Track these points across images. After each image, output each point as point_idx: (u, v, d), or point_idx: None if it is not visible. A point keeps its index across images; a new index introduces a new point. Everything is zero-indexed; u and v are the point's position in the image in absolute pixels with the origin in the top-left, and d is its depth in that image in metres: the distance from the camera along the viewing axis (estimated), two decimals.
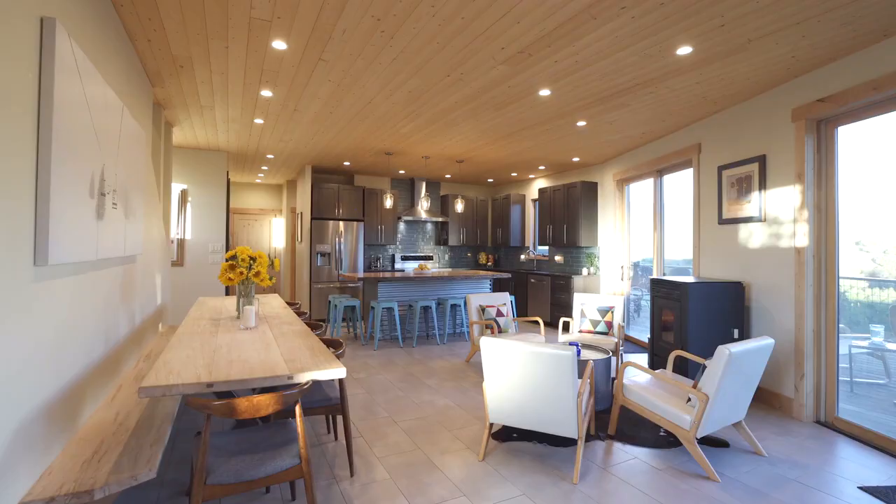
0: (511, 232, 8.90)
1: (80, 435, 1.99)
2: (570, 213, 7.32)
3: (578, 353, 3.81)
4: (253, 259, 3.40)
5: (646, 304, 9.30)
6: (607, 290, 6.95)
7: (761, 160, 3.86)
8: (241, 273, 3.25)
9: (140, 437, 1.97)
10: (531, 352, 2.58)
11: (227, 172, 6.79)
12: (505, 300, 5.38)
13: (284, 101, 4.30)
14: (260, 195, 10.20)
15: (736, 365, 2.57)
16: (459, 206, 7.61)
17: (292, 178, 9.27)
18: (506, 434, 3.15)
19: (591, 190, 7.18)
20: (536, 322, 7.77)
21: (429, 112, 4.60)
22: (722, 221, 4.34)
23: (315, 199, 7.75)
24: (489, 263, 9.74)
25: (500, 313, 5.17)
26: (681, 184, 5.69)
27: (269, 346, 2.47)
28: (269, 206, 10.31)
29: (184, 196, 6.36)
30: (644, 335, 6.48)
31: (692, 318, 3.79)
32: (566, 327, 6.94)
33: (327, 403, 2.56)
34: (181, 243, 6.34)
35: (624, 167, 6.45)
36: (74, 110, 1.86)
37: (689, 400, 2.78)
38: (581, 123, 4.91)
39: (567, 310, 7.00)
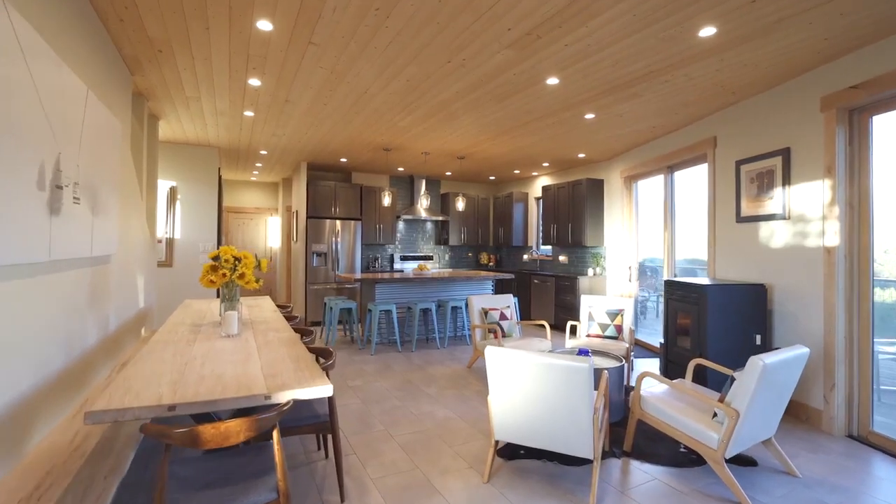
0: (513, 231, 8.64)
1: (26, 463, 1.72)
2: (575, 212, 7.06)
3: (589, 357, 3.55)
4: (238, 259, 3.14)
5: (652, 305, 9.02)
6: (614, 292, 6.69)
7: (785, 154, 3.60)
8: (224, 275, 2.99)
9: (95, 466, 1.71)
10: (542, 363, 2.32)
11: (219, 169, 6.53)
12: (508, 302, 5.12)
13: (274, 92, 4.03)
14: (255, 193, 9.93)
15: (770, 378, 2.31)
16: (460, 205, 7.35)
17: (288, 175, 9.01)
18: (512, 451, 2.88)
19: (597, 187, 6.92)
20: (542, 326, 7.50)
21: (428, 104, 4.34)
22: (740, 219, 4.07)
23: (311, 198, 7.49)
24: (491, 264, 9.48)
25: (503, 316, 4.91)
26: (693, 180, 5.43)
27: (249, 357, 2.21)
28: (265, 205, 10.04)
29: (173, 193, 6.10)
30: (651, 338, 6.22)
31: (711, 322, 3.53)
32: (573, 331, 6.64)
33: (315, 421, 2.30)
34: (170, 243, 6.07)
35: (632, 163, 6.18)
36: (12, 90, 1.60)
37: (716, 415, 2.52)
38: (589, 116, 4.65)
39: (572, 312, 6.74)
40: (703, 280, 3.96)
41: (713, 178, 4.48)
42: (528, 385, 2.40)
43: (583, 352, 3.54)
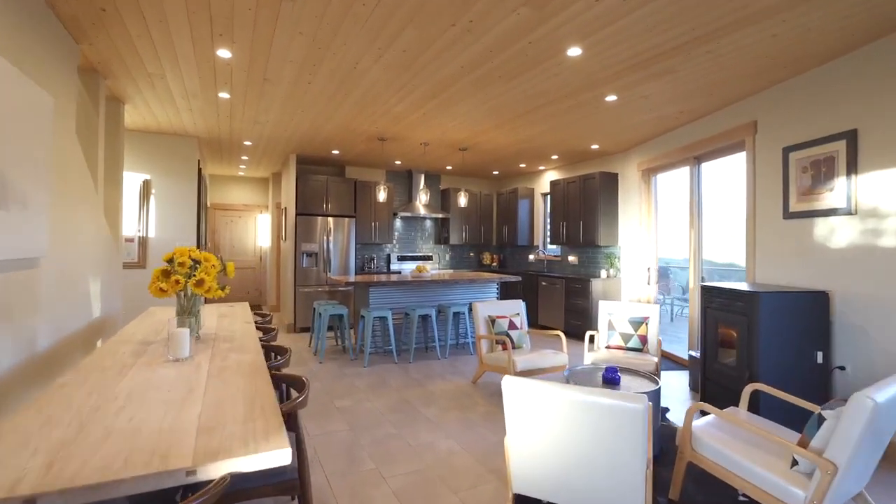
0: (518, 230, 8.08)
1: None
2: (586, 208, 6.51)
3: (618, 378, 3.01)
4: (196, 262, 2.59)
5: (665, 309, 8.47)
6: (630, 295, 6.14)
7: (850, 136, 3.05)
8: (178, 282, 2.44)
9: None
10: (581, 401, 1.76)
11: (199, 161, 5.97)
12: (518, 309, 4.57)
13: (249, 67, 3.47)
14: (243, 189, 9.37)
15: (879, 420, 1.76)
16: (462, 201, 6.76)
17: (278, 170, 8.45)
18: (529, 500, 2.33)
19: (611, 182, 6.37)
20: (557, 336, 6.95)
21: (427, 83, 3.78)
22: (788, 215, 3.53)
23: (300, 193, 6.92)
24: (494, 264, 8.92)
25: (512, 325, 4.35)
26: (721, 173, 4.89)
27: (191, 394, 1.65)
28: (254, 202, 9.48)
29: (146, 187, 5.53)
30: (672, 346, 5.67)
31: (764, 336, 2.98)
32: (592, 341, 6.09)
33: (277, 479, 1.74)
34: (143, 242, 5.51)
35: (651, 155, 5.63)
36: None
37: (796, 464, 1.97)
38: (610, 98, 4.09)
39: (584, 317, 6.19)
40: (740, 285, 3.41)
41: (752, 168, 3.93)
42: (558, 427, 1.85)
43: (610, 371, 3.00)
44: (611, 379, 2.99)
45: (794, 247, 3.48)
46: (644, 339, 4.15)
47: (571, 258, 7.22)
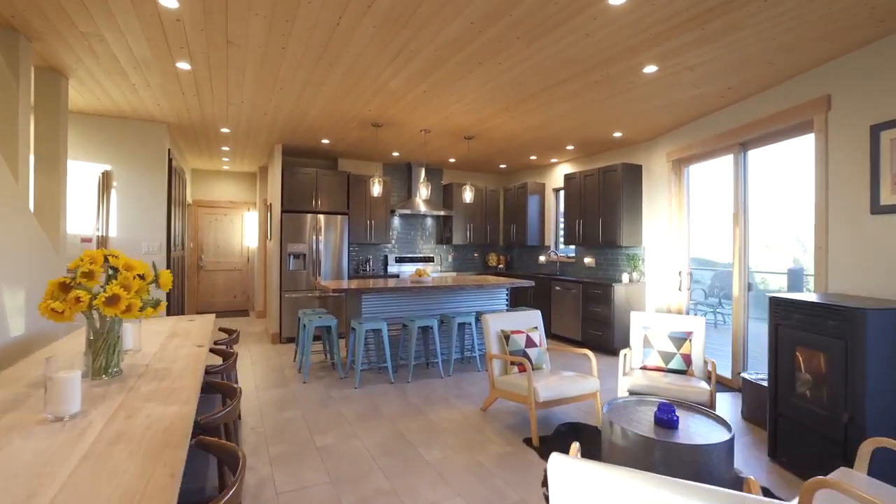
0: (528, 228, 7.38)
1: None
2: (606, 204, 5.80)
3: (676, 420, 2.31)
4: (114, 271, 1.88)
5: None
6: (656, 302, 5.44)
7: None
8: (79, 300, 1.73)
9: None
10: None
11: (169, 151, 5.27)
12: (535, 322, 3.87)
13: (205, 22, 2.77)
14: (229, 185, 8.66)
15: None
16: (467, 196, 6.01)
17: (265, 163, 7.75)
18: None
19: (634, 174, 5.67)
20: (575, 348, 6.26)
21: (427, 48, 3.08)
22: (879, 209, 2.83)
23: (286, 187, 6.21)
24: (500, 266, 8.22)
25: (530, 342, 3.65)
26: (772, 161, 4.20)
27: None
28: (241, 199, 8.77)
29: (106, 180, 4.83)
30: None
31: (871, 366, 2.28)
32: (625, 359, 5.36)
33: None
34: (103, 242, 4.81)
35: (683, 143, 4.93)
36: None
37: None
38: (649, 69, 3.39)
39: (604, 326, 5.49)
40: (813, 296, 2.71)
41: (824, 153, 3.24)
42: None
43: (665, 410, 2.32)
44: (667, 422, 2.30)
45: (887, 249, 2.78)
46: (688, 360, 3.46)
47: (588, 260, 6.52)
